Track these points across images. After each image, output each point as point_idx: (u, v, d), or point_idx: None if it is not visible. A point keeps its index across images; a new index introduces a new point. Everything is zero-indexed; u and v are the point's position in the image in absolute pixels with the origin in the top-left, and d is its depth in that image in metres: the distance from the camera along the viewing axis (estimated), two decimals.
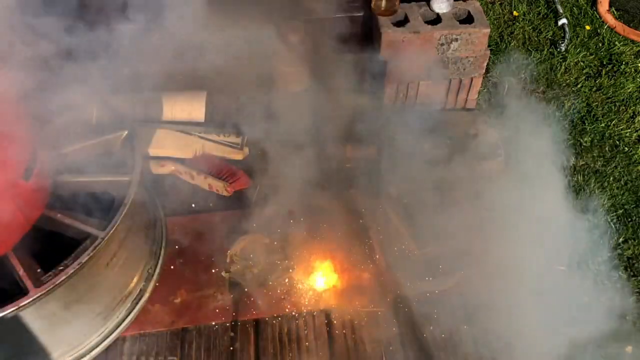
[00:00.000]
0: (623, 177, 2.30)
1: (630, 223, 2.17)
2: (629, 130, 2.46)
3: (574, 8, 3.01)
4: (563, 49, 2.77)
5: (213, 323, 1.65)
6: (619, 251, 2.10)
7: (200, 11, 1.85)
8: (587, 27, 2.91)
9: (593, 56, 2.79)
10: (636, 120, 2.50)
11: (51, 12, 1.63)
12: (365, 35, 2.18)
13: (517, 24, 2.92)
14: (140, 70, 1.85)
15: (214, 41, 2.12)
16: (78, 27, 1.64)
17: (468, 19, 2.06)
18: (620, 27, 2.88)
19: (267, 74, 2.10)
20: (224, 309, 1.67)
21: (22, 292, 1.33)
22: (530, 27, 2.90)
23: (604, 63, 2.76)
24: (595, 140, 2.42)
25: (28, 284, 1.34)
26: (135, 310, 1.62)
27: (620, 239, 2.13)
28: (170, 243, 1.78)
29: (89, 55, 1.71)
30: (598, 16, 2.96)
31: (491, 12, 2.95)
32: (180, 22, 1.84)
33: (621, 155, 2.37)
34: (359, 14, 2.14)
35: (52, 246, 1.48)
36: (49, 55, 1.59)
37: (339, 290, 1.70)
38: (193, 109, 2.10)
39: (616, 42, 2.84)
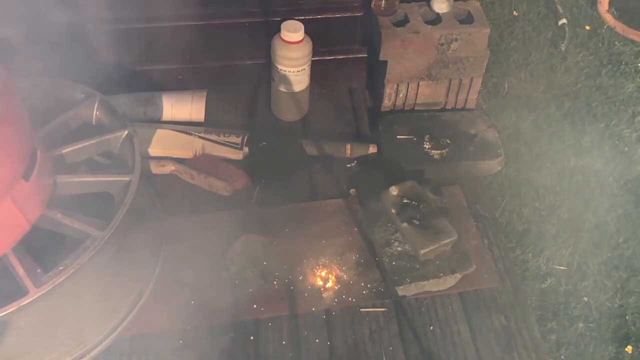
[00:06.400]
0: (623, 177, 2.30)
1: (630, 223, 2.17)
2: (629, 130, 2.46)
3: (574, 8, 3.01)
4: (563, 49, 2.78)
5: (213, 323, 1.65)
6: (619, 251, 2.10)
7: None
8: (587, 27, 2.92)
9: (593, 56, 2.79)
10: (636, 120, 2.51)
11: None
12: (365, 35, 2.18)
13: (517, 24, 2.92)
14: None
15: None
16: None
17: (468, 19, 2.06)
18: (620, 27, 2.88)
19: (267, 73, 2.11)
20: (224, 309, 1.66)
21: (22, 292, 1.33)
22: (530, 27, 2.90)
23: (604, 63, 2.76)
24: (595, 140, 2.42)
25: (28, 284, 1.34)
26: (135, 310, 1.62)
27: (620, 239, 2.13)
28: (170, 243, 1.78)
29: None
30: (598, 16, 2.96)
31: (491, 12, 2.95)
32: None
33: (621, 155, 2.38)
34: (359, 14, 2.14)
35: (52, 246, 1.48)
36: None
37: (339, 290, 1.70)
38: (193, 109, 2.10)
39: (616, 42, 2.84)
